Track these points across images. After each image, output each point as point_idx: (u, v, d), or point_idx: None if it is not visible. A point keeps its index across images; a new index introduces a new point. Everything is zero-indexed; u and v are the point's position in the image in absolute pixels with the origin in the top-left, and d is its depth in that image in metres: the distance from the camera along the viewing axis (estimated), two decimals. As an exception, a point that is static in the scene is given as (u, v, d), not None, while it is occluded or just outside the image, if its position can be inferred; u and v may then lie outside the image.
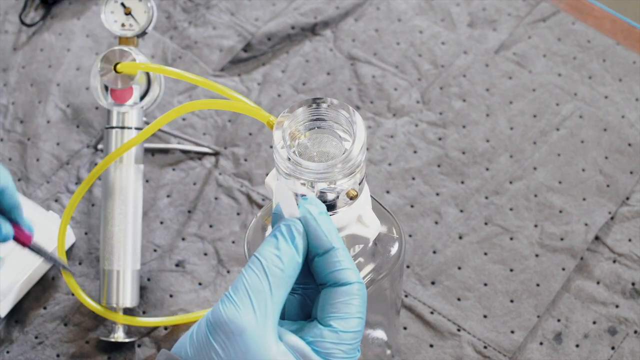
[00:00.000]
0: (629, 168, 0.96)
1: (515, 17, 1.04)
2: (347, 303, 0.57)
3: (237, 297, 0.55)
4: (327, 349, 0.56)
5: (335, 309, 0.57)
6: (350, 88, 1.01)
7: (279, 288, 0.56)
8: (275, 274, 0.56)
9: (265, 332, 0.55)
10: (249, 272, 0.56)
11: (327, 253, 0.58)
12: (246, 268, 0.56)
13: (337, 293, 0.57)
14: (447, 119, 0.99)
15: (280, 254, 0.56)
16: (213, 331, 0.55)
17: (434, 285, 0.91)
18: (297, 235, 0.58)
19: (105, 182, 0.91)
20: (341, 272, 0.57)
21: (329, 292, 0.57)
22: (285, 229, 0.58)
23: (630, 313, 0.89)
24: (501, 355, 0.88)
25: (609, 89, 1.00)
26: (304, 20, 1.04)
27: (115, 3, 0.92)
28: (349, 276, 0.57)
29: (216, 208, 0.95)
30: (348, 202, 0.64)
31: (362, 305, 0.57)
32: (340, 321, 0.57)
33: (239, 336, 0.54)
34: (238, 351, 0.54)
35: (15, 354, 0.89)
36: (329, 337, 0.56)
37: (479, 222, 0.94)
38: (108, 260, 0.89)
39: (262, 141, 0.99)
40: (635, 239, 0.93)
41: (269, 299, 0.55)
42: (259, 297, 0.55)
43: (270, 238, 0.58)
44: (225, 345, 0.54)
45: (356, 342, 0.57)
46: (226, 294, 0.55)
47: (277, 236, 0.57)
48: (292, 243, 0.57)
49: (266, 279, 0.56)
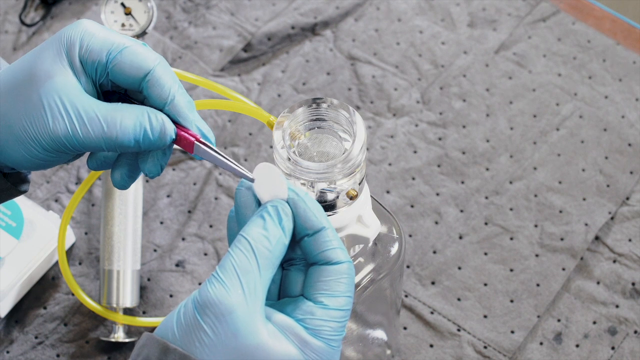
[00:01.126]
0: (629, 168, 0.96)
1: (515, 17, 1.04)
2: (337, 281, 0.57)
3: (226, 278, 0.55)
4: (317, 325, 0.56)
5: (327, 286, 0.57)
6: (350, 88, 1.01)
7: (267, 269, 0.56)
8: (264, 254, 0.56)
9: (254, 313, 0.55)
10: (237, 252, 0.55)
11: (318, 233, 0.58)
12: (233, 248, 0.56)
13: (328, 271, 0.57)
14: (447, 119, 0.99)
15: (268, 235, 0.56)
16: (202, 312, 0.54)
17: (434, 285, 0.91)
18: (285, 216, 0.57)
19: (105, 182, 0.91)
20: (332, 251, 0.57)
21: (319, 270, 0.57)
22: (273, 210, 0.57)
23: (630, 313, 0.89)
24: (501, 355, 0.88)
25: (609, 89, 1.00)
26: (304, 20, 1.04)
27: (115, 3, 0.92)
28: (339, 255, 0.57)
29: (216, 208, 0.95)
30: (348, 202, 0.64)
31: (352, 284, 0.58)
32: (332, 299, 0.57)
33: (228, 316, 0.54)
34: (228, 332, 0.54)
35: (15, 354, 0.89)
36: (320, 314, 0.56)
37: (479, 222, 0.94)
38: (108, 260, 0.89)
39: (262, 141, 0.99)
40: (635, 239, 0.93)
41: (257, 280, 0.55)
42: (248, 277, 0.55)
43: (257, 218, 0.57)
44: (215, 326, 0.54)
45: (344, 320, 0.58)
46: (214, 275, 0.55)
47: (264, 217, 0.57)
48: (279, 224, 0.57)
49: (255, 259, 0.55)
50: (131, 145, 0.61)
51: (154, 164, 0.63)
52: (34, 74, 0.61)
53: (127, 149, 0.61)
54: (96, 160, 0.65)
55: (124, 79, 0.62)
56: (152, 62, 0.62)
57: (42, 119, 0.60)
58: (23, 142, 0.61)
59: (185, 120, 0.62)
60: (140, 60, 0.61)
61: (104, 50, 0.61)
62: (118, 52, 0.61)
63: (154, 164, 0.63)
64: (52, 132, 0.60)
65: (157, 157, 0.63)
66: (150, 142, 0.61)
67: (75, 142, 0.60)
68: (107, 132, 0.60)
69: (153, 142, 0.61)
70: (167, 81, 0.62)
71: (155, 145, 0.62)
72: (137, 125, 0.61)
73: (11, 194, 0.66)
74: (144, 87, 0.62)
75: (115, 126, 0.60)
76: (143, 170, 0.63)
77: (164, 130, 0.61)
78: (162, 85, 0.62)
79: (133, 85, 0.62)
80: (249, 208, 0.59)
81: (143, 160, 0.63)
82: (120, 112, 0.61)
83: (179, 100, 0.62)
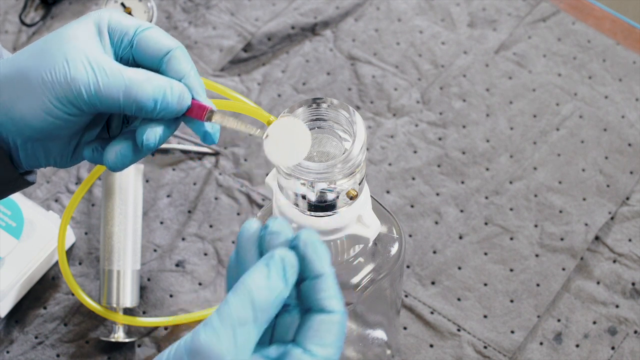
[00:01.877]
0: (629, 168, 0.96)
1: (515, 17, 1.04)
2: (329, 331, 0.56)
3: (221, 326, 0.54)
4: None
5: (318, 335, 0.56)
6: (350, 88, 1.01)
7: (263, 322, 0.55)
8: (263, 307, 0.55)
9: None
10: (236, 301, 0.55)
11: (318, 279, 0.57)
12: (233, 295, 0.55)
13: (321, 320, 0.56)
14: (447, 119, 0.99)
15: (271, 287, 0.55)
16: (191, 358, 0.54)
17: (434, 285, 0.91)
18: (290, 269, 0.56)
19: (105, 182, 0.91)
20: (329, 299, 0.57)
21: (313, 318, 0.57)
22: (279, 260, 0.56)
23: (630, 313, 0.89)
24: (501, 355, 0.88)
25: (609, 89, 1.00)
26: (304, 20, 1.04)
27: (115, 3, 0.92)
28: (334, 305, 0.57)
29: (216, 208, 0.95)
30: (348, 202, 0.64)
31: (342, 334, 0.57)
32: (321, 348, 0.56)
33: None
34: None
35: (15, 354, 0.89)
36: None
37: (479, 222, 0.94)
38: (108, 260, 0.89)
39: (262, 141, 0.99)
40: (635, 239, 0.93)
41: (252, 332, 0.55)
42: (243, 329, 0.54)
43: (262, 267, 0.56)
44: None
45: None
46: (210, 321, 0.54)
47: (270, 267, 0.56)
48: (283, 276, 0.56)
49: (253, 311, 0.55)
50: (148, 105, 0.62)
51: (153, 134, 0.64)
52: (60, 36, 0.62)
53: (143, 109, 0.62)
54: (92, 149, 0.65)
55: (146, 53, 0.64)
56: (175, 44, 0.64)
57: (63, 69, 0.61)
58: (38, 93, 0.61)
59: (199, 96, 0.64)
60: (164, 40, 0.64)
61: (132, 27, 0.64)
62: (146, 28, 0.64)
63: (153, 134, 0.64)
64: (71, 79, 0.61)
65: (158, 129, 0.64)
66: (167, 105, 0.63)
67: (93, 93, 0.61)
68: (127, 85, 0.61)
69: (170, 104, 0.63)
70: (186, 61, 0.64)
71: (171, 110, 0.63)
72: (157, 87, 0.62)
73: (19, 185, 0.66)
74: (164, 63, 0.64)
75: (136, 83, 0.62)
76: (139, 141, 0.64)
77: (183, 96, 0.63)
78: (180, 63, 0.64)
79: (153, 61, 0.64)
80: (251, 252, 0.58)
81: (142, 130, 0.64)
82: (142, 74, 0.62)
83: (194, 78, 0.64)
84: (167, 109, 0.63)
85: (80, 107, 0.62)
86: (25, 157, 0.65)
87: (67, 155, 0.66)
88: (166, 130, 0.64)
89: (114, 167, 0.65)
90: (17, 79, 0.61)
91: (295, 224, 0.65)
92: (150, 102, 0.62)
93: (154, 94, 0.62)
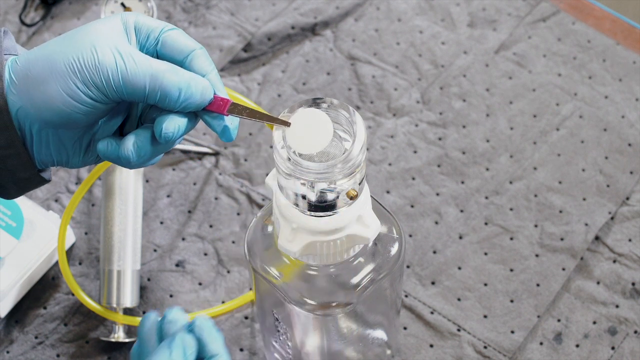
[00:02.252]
0: (629, 168, 0.96)
1: (515, 17, 1.04)
2: None
3: None
4: None
5: None
6: (350, 88, 1.01)
7: None
8: None
9: None
10: None
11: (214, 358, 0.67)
12: None
13: None
14: (447, 119, 0.99)
15: None
16: None
17: (434, 285, 0.91)
18: (189, 349, 0.66)
19: (105, 182, 0.91)
20: None
21: None
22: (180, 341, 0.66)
23: (630, 313, 0.89)
24: (501, 355, 0.88)
25: (609, 89, 1.00)
26: (304, 20, 1.04)
27: (115, 3, 0.92)
28: None
29: (216, 208, 0.95)
30: (348, 202, 0.64)
31: None
32: None
33: None
34: None
35: (15, 354, 0.89)
36: None
37: (479, 222, 0.94)
38: (108, 260, 0.89)
39: (262, 141, 0.99)
40: (635, 239, 0.93)
41: None
42: None
43: (165, 349, 0.66)
44: None
45: None
46: None
47: (172, 347, 0.66)
48: (183, 355, 0.66)
49: None
50: (173, 93, 0.63)
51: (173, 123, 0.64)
52: (88, 28, 0.63)
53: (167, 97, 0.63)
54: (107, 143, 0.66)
55: (171, 51, 0.65)
56: (198, 45, 0.66)
57: (91, 54, 0.62)
58: (63, 75, 0.62)
59: (220, 92, 0.66)
60: (188, 41, 0.66)
61: (158, 27, 0.65)
62: (171, 29, 0.65)
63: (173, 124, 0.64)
64: (100, 64, 0.61)
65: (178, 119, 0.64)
66: (191, 95, 0.63)
67: (120, 78, 0.62)
68: (153, 73, 0.62)
69: (194, 94, 0.63)
70: (208, 60, 0.66)
71: (194, 101, 0.64)
72: (182, 77, 0.63)
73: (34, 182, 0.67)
74: (187, 61, 0.65)
75: (162, 72, 0.63)
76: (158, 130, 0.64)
77: (206, 88, 0.64)
78: (203, 61, 0.65)
79: (177, 59, 0.65)
80: (152, 340, 0.68)
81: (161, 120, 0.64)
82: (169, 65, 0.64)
83: (216, 77, 0.66)
84: (190, 99, 0.63)
85: (105, 92, 0.62)
86: (38, 150, 0.65)
87: (80, 151, 0.66)
88: (186, 122, 0.65)
89: (130, 159, 0.65)
90: (43, 63, 0.62)
91: (295, 224, 0.65)
92: (175, 91, 0.63)
93: (179, 84, 0.63)
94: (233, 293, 0.91)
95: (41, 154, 0.65)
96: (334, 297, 0.70)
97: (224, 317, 0.90)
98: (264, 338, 0.86)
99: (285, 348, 0.79)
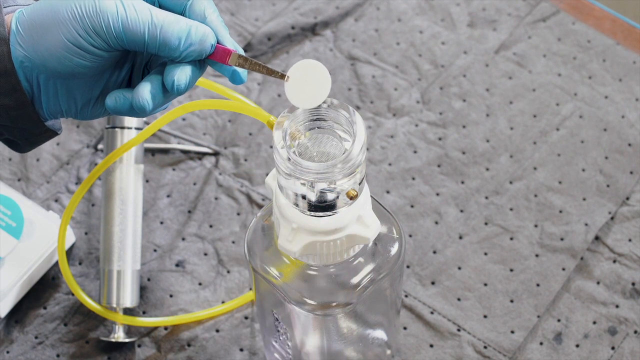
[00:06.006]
0: (629, 168, 0.96)
1: (515, 17, 1.04)
2: None
3: None
4: None
5: None
6: (350, 88, 1.01)
7: None
8: None
9: None
10: None
11: None
12: None
13: None
14: (447, 119, 0.99)
15: None
16: None
17: (434, 285, 0.91)
18: None
19: (105, 182, 0.91)
20: None
21: None
22: None
23: (630, 313, 0.89)
24: (501, 355, 0.88)
25: (609, 89, 1.00)
26: (304, 20, 1.04)
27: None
28: None
29: (216, 208, 0.95)
30: (348, 202, 0.64)
31: None
32: None
33: None
34: None
35: (15, 354, 0.89)
36: None
37: (479, 222, 0.94)
38: (108, 260, 0.89)
39: (262, 141, 0.99)
40: (635, 239, 0.93)
41: None
42: None
43: None
44: None
45: None
46: None
47: None
48: None
49: None
50: (172, 42, 0.63)
51: (184, 73, 0.64)
52: None
53: (167, 46, 0.63)
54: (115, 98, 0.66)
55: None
56: None
57: (93, 2, 0.62)
58: (65, 22, 0.62)
59: (223, 38, 0.65)
60: None
61: None
62: None
63: (183, 74, 0.64)
64: (100, 10, 0.62)
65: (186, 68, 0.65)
66: (191, 43, 0.63)
67: (120, 25, 0.62)
68: (153, 21, 0.62)
69: (194, 43, 0.63)
70: (209, 5, 0.66)
71: (194, 50, 0.64)
72: (182, 26, 0.63)
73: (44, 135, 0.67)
74: (187, 8, 0.65)
75: (162, 20, 0.63)
76: (169, 81, 0.64)
77: (206, 36, 0.64)
78: (202, 5, 0.65)
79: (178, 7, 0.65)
80: None
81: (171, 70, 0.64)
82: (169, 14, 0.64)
83: (217, 22, 0.66)
84: (190, 47, 0.64)
85: (106, 40, 0.62)
86: (47, 100, 0.65)
87: (89, 102, 0.67)
88: (195, 71, 0.65)
89: (146, 107, 0.65)
90: (47, 12, 0.63)
91: (295, 224, 0.65)
92: (175, 40, 0.63)
93: (178, 32, 0.63)
94: (233, 293, 0.92)
95: (49, 104, 0.66)
96: (334, 297, 0.70)
97: (224, 317, 0.90)
98: (264, 338, 0.86)
99: (285, 348, 0.79)
